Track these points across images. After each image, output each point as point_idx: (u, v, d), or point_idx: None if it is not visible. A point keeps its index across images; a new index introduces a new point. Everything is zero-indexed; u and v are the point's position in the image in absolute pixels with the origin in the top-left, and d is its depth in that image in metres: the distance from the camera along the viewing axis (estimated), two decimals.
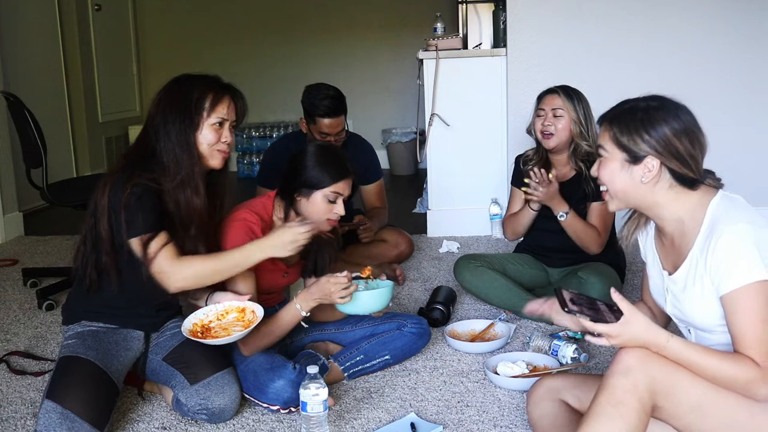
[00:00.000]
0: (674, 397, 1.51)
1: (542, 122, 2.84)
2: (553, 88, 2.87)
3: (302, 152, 2.28)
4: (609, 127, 1.64)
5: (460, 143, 4.13)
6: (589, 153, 2.82)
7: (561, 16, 3.95)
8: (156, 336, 2.24)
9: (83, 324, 2.17)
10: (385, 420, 2.13)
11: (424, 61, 4.09)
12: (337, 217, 2.26)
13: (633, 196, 1.63)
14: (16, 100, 3.27)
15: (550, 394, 1.84)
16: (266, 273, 2.27)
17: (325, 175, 2.22)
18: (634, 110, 1.61)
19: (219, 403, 2.08)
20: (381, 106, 6.74)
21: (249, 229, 2.21)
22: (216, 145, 2.12)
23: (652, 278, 1.78)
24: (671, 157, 1.57)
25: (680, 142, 1.57)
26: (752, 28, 3.88)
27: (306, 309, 2.17)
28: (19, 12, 5.28)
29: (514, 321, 2.83)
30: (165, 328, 2.25)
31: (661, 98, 1.63)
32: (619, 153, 1.62)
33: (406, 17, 6.58)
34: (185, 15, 6.87)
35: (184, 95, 2.09)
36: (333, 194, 2.23)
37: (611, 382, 1.52)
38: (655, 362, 1.52)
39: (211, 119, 2.10)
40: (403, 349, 2.45)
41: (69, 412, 1.91)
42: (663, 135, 1.57)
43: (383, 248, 3.50)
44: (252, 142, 6.65)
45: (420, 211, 4.79)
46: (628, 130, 1.60)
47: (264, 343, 2.19)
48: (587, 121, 2.82)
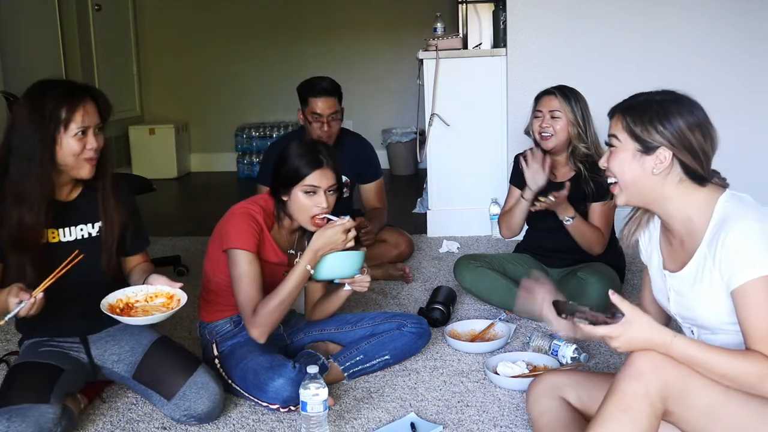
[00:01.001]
0: (686, 401, 1.49)
1: (540, 124, 2.83)
2: (550, 89, 2.86)
3: (282, 150, 2.27)
4: (622, 116, 1.63)
5: (460, 143, 4.13)
6: (587, 155, 2.81)
7: (561, 16, 3.95)
8: (101, 340, 2.22)
9: (24, 344, 2.21)
10: (385, 420, 2.13)
11: (424, 61, 4.09)
12: (320, 211, 2.21)
13: (642, 187, 1.62)
14: (16, 100, 3.26)
15: (551, 391, 1.83)
16: (270, 265, 2.27)
17: (298, 169, 2.19)
18: (649, 102, 1.62)
19: (201, 408, 2.08)
20: (381, 106, 6.74)
21: (251, 215, 2.21)
22: (82, 154, 2.02)
23: (654, 278, 1.78)
24: (684, 150, 1.57)
25: (693, 136, 1.57)
26: (752, 28, 3.88)
27: (312, 263, 2.17)
28: (19, 12, 5.27)
29: (514, 321, 2.83)
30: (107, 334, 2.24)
31: (675, 93, 1.64)
32: (631, 143, 1.61)
33: (406, 17, 6.57)
34: (185, 15, 6.87)
35: (38, 110, 1.98)
36: (310, 187, 2.19)
37: (622, 386, 1.49)
38: (668, 367, 1.49)
39: (70, 131, 1.99)
40: (403, 349, 2.45)
41: (10, 407, 1.90)
42: (677, 127, 1.57)
43: (383, 248, 3.50)
44: (252, 142, 6.65)
45: (420, 211, 4.79)
46: (642, 120, 1.60)
47: (275, 317, 2.18)
48: (585, 122, 2.81)
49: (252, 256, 2.18)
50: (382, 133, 6.48)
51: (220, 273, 2.28)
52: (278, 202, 2.27)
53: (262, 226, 2.24)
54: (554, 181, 2.88)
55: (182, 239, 4.31)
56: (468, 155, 4.15)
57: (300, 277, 2.18)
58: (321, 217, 2.20)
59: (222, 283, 2.28)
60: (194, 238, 4.29)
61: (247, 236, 2.19)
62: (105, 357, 2.21)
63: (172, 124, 6.67)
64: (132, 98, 6.91)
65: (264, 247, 2.24)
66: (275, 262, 2.29)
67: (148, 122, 6.88)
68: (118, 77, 6.62)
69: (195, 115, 6.98)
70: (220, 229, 2.28)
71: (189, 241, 4.25)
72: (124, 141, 6.66)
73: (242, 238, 2.18)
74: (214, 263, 2.31)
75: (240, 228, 2.19)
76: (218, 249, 2.26)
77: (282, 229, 2.32)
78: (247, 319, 2.19)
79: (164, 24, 6.92)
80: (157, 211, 5.37)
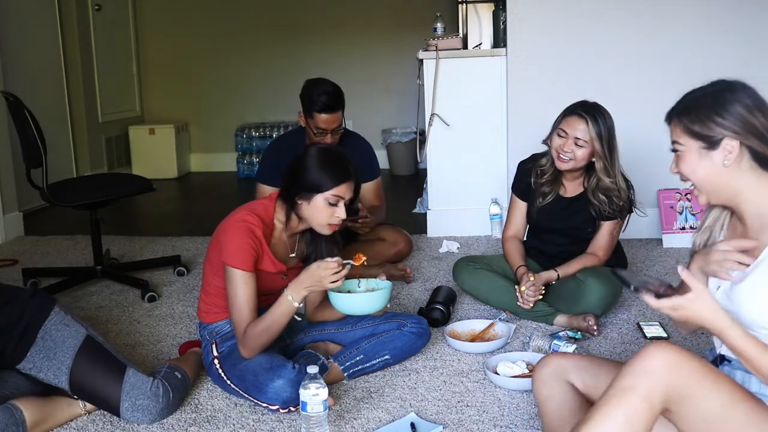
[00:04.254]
0: (687, 406, 1.48)
1: (561, 146, 2.69)
2: (581, 113, 2.66)
3: (303, 155, 2.25)
4: (678, 120, 1.59)
5: (460, 143, 4.13)
6: (609, 188, 2.71)
7: (561, 16, 3.95)
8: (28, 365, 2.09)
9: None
10: (385, 420, 2.13)
11: (424, 61, 4.09)
12: (338, 221, 2.23)
13: (718, 184, 1.58)
14: (16, 100, 3.26)
15: (558, 374, 1.80)
16: (267, 275, 2.27)
17: (326, 178, 2.19)
18: (702, 97, 1.58)
19: (153, 408, 2.10)
20: (381, 106, 6.74)
21: (250, 230, 2.19)
22: None
23: None
24: (749, 135, 1.53)
25: (755, 118, 1.53)
26: (753, 28, 3.87)
27: (297, 299, 2.14)
28: (20, 12, 5.28)
29: (514, 321, 2.83)
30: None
31: (725, 81, 1.59)
32: (694, 143, 1.57)
33: (406, 17, 6.57)
34: (185, 15, 6.87)
35: None
36: (334, 197, 2.19)
37: (626, 380, 1.48)
38: (680, 370, 1.47)
39: None
40: (402, 348, 2.44)
41: None
42: (737, 113, 1.53)
43: (382, 247, 3.50)
44: (252, 142, 6.66)
45: (420, 211, 4.79)
46: (699, 117, 1.56)
47: (262, 341, 2.17)
48: (611, 151, 2.67)
49: (247, 276, 2.18)
50: (382, 133, 6.48)
51: (219, 277, 2.27)
52: (290, 204, 2.26)
53: (261, 240, 2.21)
54: (563, 196, 2.85)
55: (182, 239, 4.31)
56: (468, 155, 4.15)
57: (285, 309, 2.15)
58: (336, 263, 2.14)
59: (221, 286, 2.27)
60: (194, 238, 4.29)
61: (244, 255, 2.17)
62: (48, 379, 2.09)
63: (172, 124, 6.67)
64: (132, 98, 6.92)
65: (262, 260, 2.23)
66: (274, 272, 2.28)
67: (148, 122, 6.88)
68: (118, 77, 6.63)
69: (195, 115, 6.98)
70: (219, 235, 2.26)
71: (189, 241, 4.25)
72: (124, 141, 6.66)
73: (239, 257, 2.17)
74: (213, 266, 2.31)
75: (237, 245, 2.17)
76: (217, 254, 2.25)
77: (285, 232, 2.31)
78: (238, 337, 2.20)
79: (164, 24, 6.92)
80: (157, 211, 5.38)
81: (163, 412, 2.14)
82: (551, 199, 2.86)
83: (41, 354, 2.07)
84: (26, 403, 2.05)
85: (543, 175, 2.85)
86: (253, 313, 2.18)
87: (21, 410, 2.03)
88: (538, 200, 2.87)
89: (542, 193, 2.86)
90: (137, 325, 2.94)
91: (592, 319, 2.68)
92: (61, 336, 2.09)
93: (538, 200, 2.87)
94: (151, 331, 2.89)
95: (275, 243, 2.30)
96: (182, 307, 3.14)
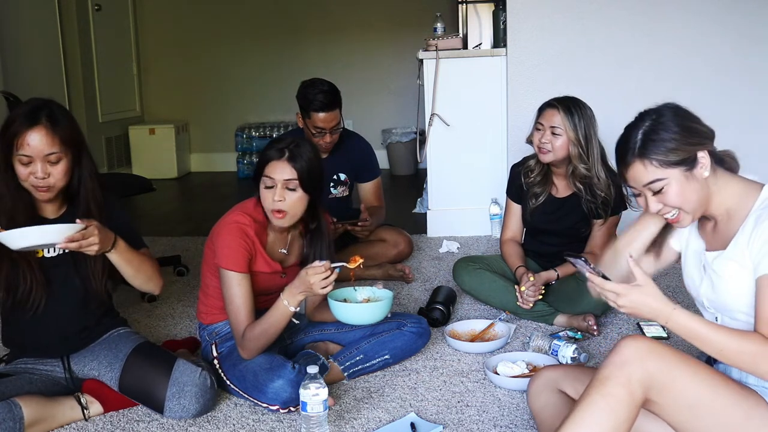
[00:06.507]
0: (670, 393, 1.51)
1: (540, 138, 2.74)
2: (554, 103, 2.74)
3: None
4: (647, 160, 1.58)
5: (460, 143, 4.13)
6: (586, 176, 2.74)
7: (561, 16, 3.95)
8: (80, 356, 2.22)
9: None
10: (385, 420, 2.13)
11: (424, 61, 4.09)
12: (274, 205, 2.15)
13: (704, 197, 1.61)
14: (16, 100, 3.27)
15: (550, 385, 1.85)
16: (264, 274, 2.27)
17: (262, 161, 2.19)
18: (650, 131, 1.59)
19: (195, 407, 2.11)
20: (381, 106, 6.74)
21: (242, 231, 2.19)
22: (27, 180, 1.98)
23: (688, 263, 1.75)
24: (706, 140, 1.60)
25: (697, 124, 1.61)
26: (753, 28, 3.87)
27: (293, 304, 2.12)
28: (20, 12, 5.28)
29: (514, 321, 2.83)
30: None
31: (651, 110, 1.63)
32: (676, 171, 1.58)
33: (406, 17, 6.57)
34: (185, 15, 6.87)
35: (4, 126, 1.96)
36: (267, 179, 2.16)
37: (605, 372, 1.53)
38: (654, 357, 1.51)
39: (16, 156, 1.96)
40: (402, 348, 2.45)
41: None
42: (690, 128, 1.59)
43: (382, 248, 3.50)
44: (252, 142, 6.66)
45: (420, 211, 4.79)
46: (667, 146, 1.57)
47: (260, 344, 2.16)
48: (587, 140, 2.70)
49: (242, 277, 2.17)
50: (382, 133, 6.48)
51: (216, 278, 2.26)
52: (258, 197, 2.25)
53: (254, 240, 2.21)
54: (555, 196, 2.87)
55: (182, 239, 4.31)
56: (468, 155, 4.15)
57: (282, 314, 2.13)
58: (324, 267, 2.10)
59: (219, 288, 2.27)
60: (194, 238, 4.29)
61: (237, 257, 2.16)
62: (85, 372, 2.22)
63: (172, 124, 6.67)
64: (132, 98, 6.91)
65: (256, 260, 2.23)
66: (269, 272, 2.27)
67: (148, 122, 6.88)
68: (118, 77, 6.63)
69: (195, 115, 6.98)
70: (213, 237, 2.26)
71: (189, 241, 4.25)
72: (124, 141, 6.66)
73: (232, 259, 2.16)
74: (210, 268, 2.31)
75: (231, 248, 2.17)
76: (212, 257, 2.25)
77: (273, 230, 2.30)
78: (236, 339, 2.20)
79: (164, 24, 6.92)
80: (157, 211, 5.38)
81: (208, 404, 2.14)
82: (543, 199, 2.87)
83: (102, 345, 2.23)
84: (27, 400, 2.05)
85: (532, 174, 2.88)
86: (251, 315, 2.18)
87: (20, 407, 2.03)
88: (530, 202, 2.89)
89: (534, 194, 2.88)
90: (137, 325, 2.94)
91: (592, 319, 2.68)
92: (125, 335, 2.26)
93: (530, 202, 2.89)
94: (151, 331, 2.89)
95: (271, 241, 2.30)
96: (182, 307, 3.14)
